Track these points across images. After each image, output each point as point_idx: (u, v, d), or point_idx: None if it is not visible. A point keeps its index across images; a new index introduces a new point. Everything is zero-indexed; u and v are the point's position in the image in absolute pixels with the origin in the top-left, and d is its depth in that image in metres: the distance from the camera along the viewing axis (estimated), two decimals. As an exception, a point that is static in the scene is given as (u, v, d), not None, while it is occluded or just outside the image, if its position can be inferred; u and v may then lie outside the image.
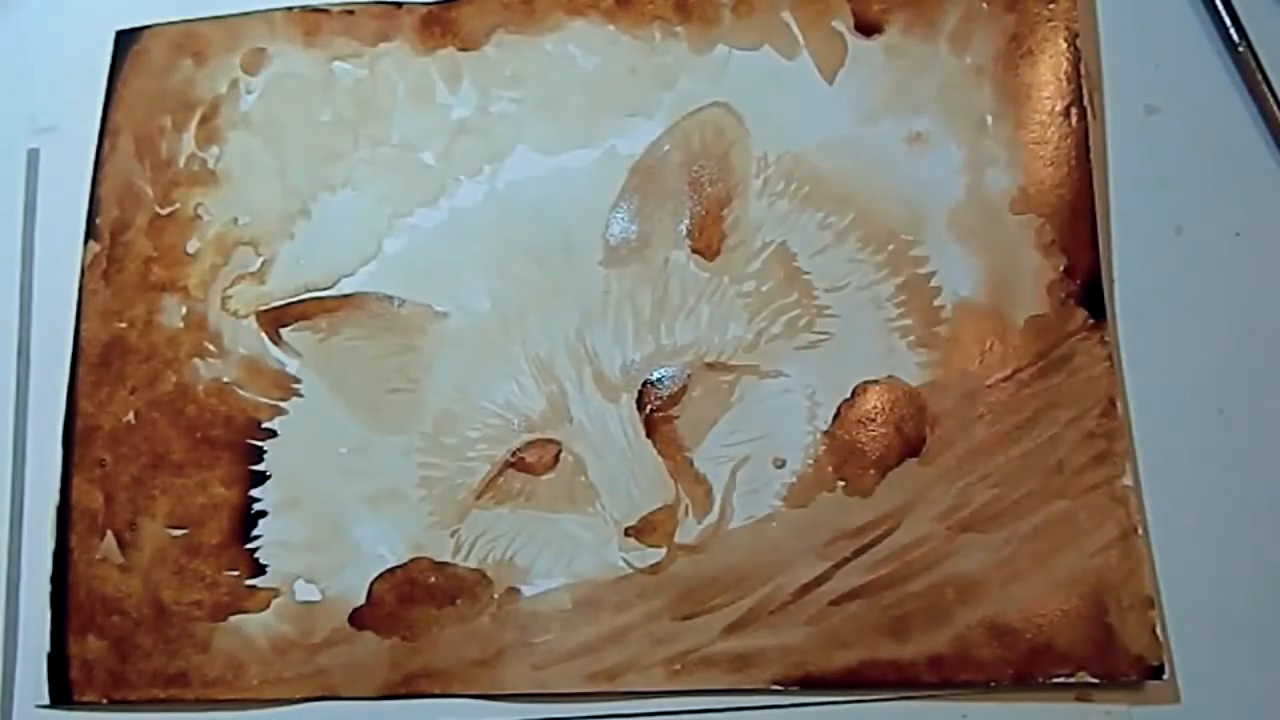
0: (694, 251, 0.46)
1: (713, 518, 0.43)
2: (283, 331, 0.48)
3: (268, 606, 0.45)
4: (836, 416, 0.43)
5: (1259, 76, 0.45)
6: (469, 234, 0.48)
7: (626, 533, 0.43)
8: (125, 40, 0.53)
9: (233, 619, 0.45)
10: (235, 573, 0.45)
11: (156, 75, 0.52)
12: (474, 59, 0.50)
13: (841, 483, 0.43)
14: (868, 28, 0.48)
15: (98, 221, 0.50)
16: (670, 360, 0.45)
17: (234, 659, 0.44)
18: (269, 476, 0.46)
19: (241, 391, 0.47)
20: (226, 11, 0.53)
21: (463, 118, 0.49)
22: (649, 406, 0.44)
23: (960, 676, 0.40)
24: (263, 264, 0.49)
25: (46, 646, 0.46)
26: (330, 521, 0.45)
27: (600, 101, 0.49)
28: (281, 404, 0.47)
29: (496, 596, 0.43)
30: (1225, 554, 0.41)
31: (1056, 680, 0.39)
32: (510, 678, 0.42)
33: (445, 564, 0.44)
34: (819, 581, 0.42)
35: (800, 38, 0.48)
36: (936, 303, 0.44)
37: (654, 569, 0.43)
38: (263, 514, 0.46)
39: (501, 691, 0.42)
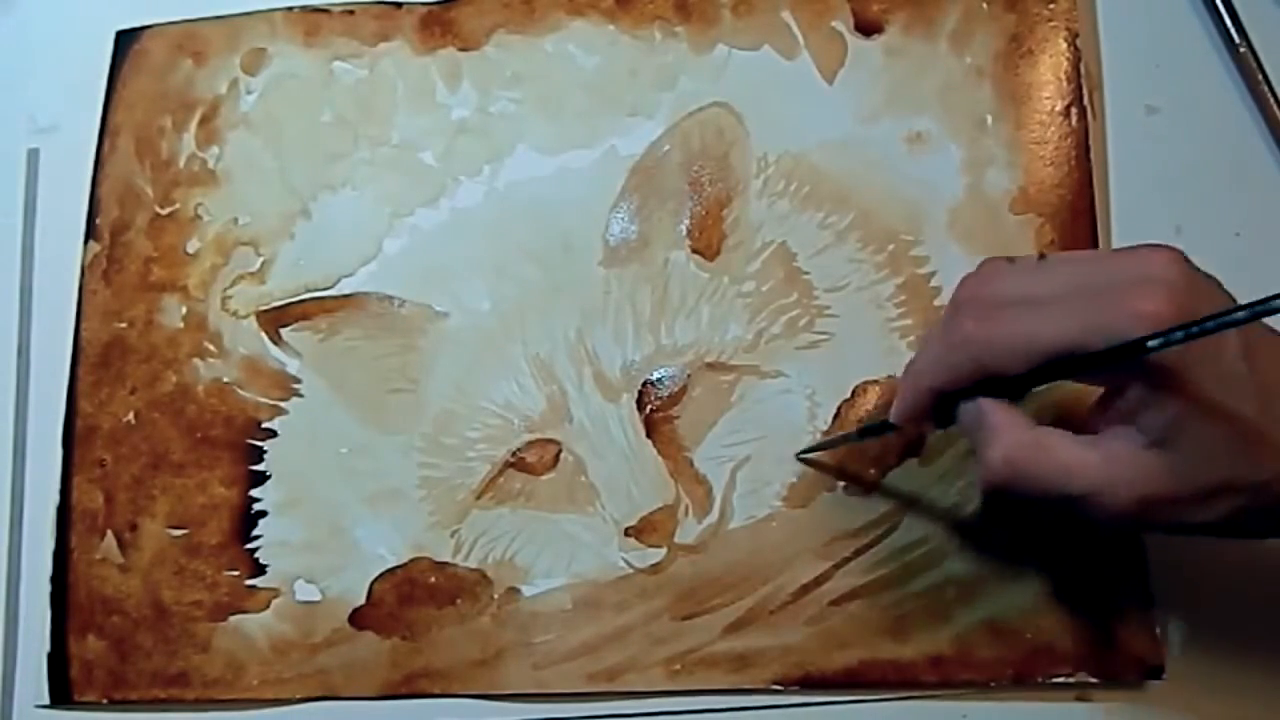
0: (694, 251, 0.46)
1: (713, 518, 0.43)
2: (283, 331, 0.48)
3: (268, 606, 0.45)
4: (836, 416, 0.43)
5: (1259, 76, 0.45)
6: (469, 234, 0.48)
7: (626, 533, 0.43)
8: (125, 40, 0.53)
9: (233, 619, 0.45)
10: (235, 573, 0.45)
11: (156, 75, 0.52)
12: (474, 59, 0.50)
13: (841, 483, 0.43)
14: (868, 28, 0.48)
15: (98, 221, 0.50)
16: (670, 360, 0.45)
17: (234, 659, 0.44)
18: (269, 476, 0.46)
19: (241, 391, 0.47)
20: (226, 11, 0.53)
21: (463, 118, 0.49)
22: (649, 406, 0.44)
23: (960, 676, 0.40)
24: (263, 264, 0.49)
25: (46, 646, 0.46)
26: (330, 521, 0.45)
27: (600, 101, 0.49)
28: (281, 404, 0.47)
29: (496, 596, 0.43)
30: (1225, 554, 0.41)
31: (1056, 680, 0.39)
32: (510, 678, 0.42)
33: (445, 564, 0.44)
34: (819, 581, 0.42)
35: (800, 38, 0.48)
36: (936, 303, 0.44)
37: (654, 569, 0.43)
38: (263, 514, 0.46)
39: (501, 691, 0.42)
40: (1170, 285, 0.29)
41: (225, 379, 0.48)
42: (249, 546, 0.46)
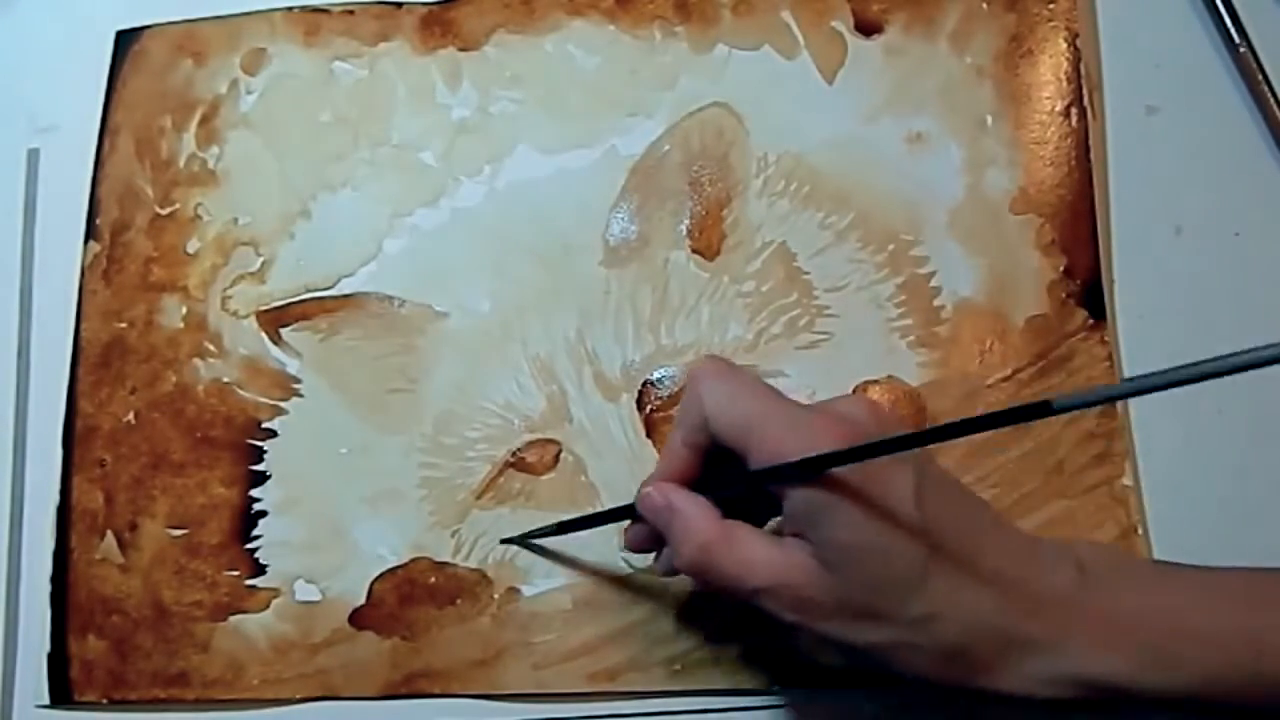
0: (694, 251, 0.46)
1: (713, 518, 0.43)
2: (283, 331, 0.48)
3: (268, 606, 0.45)
4: (836, 416, 0.43)
5: (1259, 76, 0.45)
6: (469, 234, 0.48)
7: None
8: (125, 40, 0.53)
9: (233, 619, 0.45)
10: (235, 573, 0.45)
11: (156, 75, 0.52)
12: (474, 59, 0.50)
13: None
14: (868, 28, 0.48)
15: (98, 221, 0.50)
16: (670, 360, 0.45)
17: (234, 659, 0.44)
18: (269, 476, 0.46)
19: (241, 391, 0.47)
20: (226, 11, 0.53)
21: (463, 118, 0.49)
22: (649, 406, 0.44)
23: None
24: (263, 264, 0.49)
25: (46, 646, 0.45)
26: (330, 521, 0.45)
27: (600, 101, 0.49)
28: (281, 404, 0.47)
29: (496, 596, 0.43)
30: (1225, 554, 0.41)
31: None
32: (510, 678, 0.42)
33: (445, 564, 0.44)
34: (819, 581, 0.41)
35: (800, 38, 0.48)
36: (936, 303, 0.44)
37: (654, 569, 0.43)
38: (263, 514, 0.46)
39: (501, 691, 0.42)
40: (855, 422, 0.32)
41: (225, 379, 0.48)
42: (249, 546, 0.45)
